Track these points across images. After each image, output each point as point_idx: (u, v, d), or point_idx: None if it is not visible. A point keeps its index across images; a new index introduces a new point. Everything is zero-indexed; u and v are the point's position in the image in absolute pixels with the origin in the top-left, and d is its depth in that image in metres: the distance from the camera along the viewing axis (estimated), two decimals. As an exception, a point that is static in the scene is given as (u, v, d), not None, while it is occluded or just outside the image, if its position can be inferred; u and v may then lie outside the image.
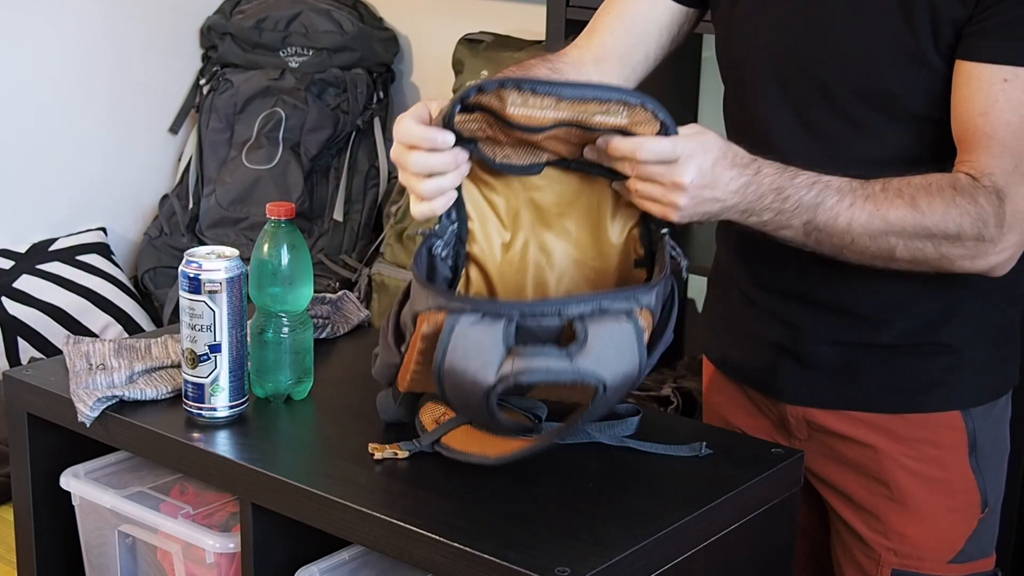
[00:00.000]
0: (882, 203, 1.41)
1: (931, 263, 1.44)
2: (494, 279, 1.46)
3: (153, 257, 3.24)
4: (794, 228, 1.42)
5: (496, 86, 1.32)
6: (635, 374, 1.28)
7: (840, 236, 1.42)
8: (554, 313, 1.26)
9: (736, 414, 1.75)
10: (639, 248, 1.44)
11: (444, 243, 1.38)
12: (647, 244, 1.44)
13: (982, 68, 1.43)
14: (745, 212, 1.41)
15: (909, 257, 1.44)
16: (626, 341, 1.26)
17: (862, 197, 1.41)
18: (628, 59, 1.68)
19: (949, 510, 1.62)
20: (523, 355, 1.24)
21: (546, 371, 1.24)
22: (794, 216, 1.41)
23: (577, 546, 1.28)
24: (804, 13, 1.53)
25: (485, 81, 1.33)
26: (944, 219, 1.41)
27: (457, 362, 1.25)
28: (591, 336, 1.25)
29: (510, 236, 1.45)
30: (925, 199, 1.41)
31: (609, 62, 1.67)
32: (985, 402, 1.61)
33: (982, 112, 1.43)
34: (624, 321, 1.26)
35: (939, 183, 1.42)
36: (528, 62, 1.65)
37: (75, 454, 1.67)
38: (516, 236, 1.46)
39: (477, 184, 1.44)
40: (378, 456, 1.45)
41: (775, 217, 1.41)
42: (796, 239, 1.44)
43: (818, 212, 1.41)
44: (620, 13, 1.68)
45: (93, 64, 3.22)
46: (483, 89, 1.32)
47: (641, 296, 1.29)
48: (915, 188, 1.42)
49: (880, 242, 1.42)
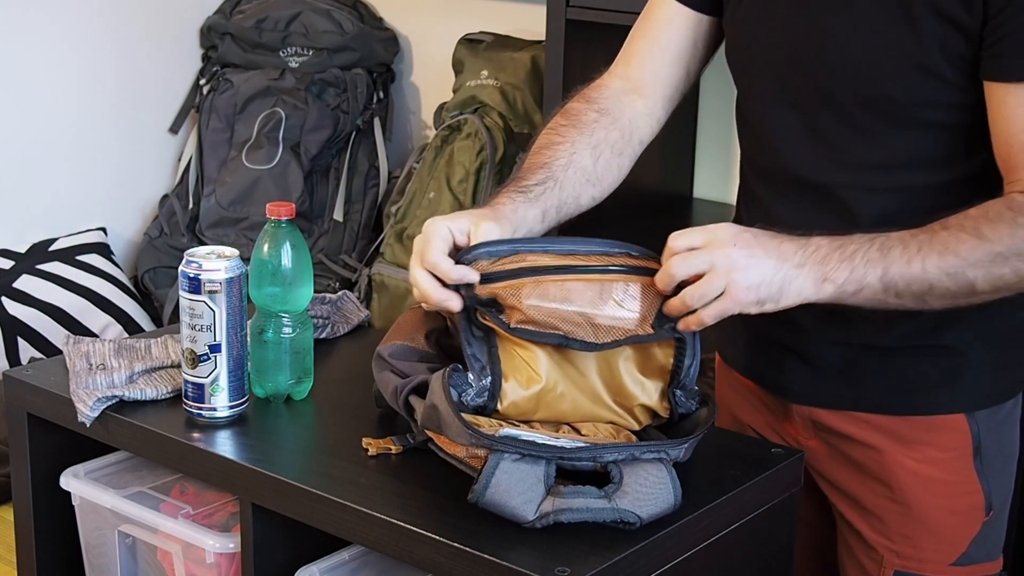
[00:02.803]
0: (949, 241, 1.40)
1: (1012, 286, 1.43)
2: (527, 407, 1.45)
3: (153, 257, 3.24)
4: (871, 286, 1.40)
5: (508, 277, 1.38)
6: (670, 509, 1.33)
7: (919, 283, 1.40)
8: (589, 458, 1.32)
9: (746, 410, 1.75)
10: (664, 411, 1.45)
11: (476, 395, 1.39)
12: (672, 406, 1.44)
13: (1015, 88, 1.42)
14: (820, 279, 1.39)
15: (991, 288, 1.42)
16: (661, 484, 1.32)
17: (927, 241, 1.40)
18: (670, 80, 1.68)
19: (952, 512, 1.62)
20: (563, 495, 1.30)
21: (586, 511, 1.30)
22: (868, 272, 1.39)
23: (577, 546, 1.28)
24: (808, 18, 1.53)
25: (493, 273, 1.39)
26: (1013, 240, 1.40)
27: (499, 497, 1.29)
28: (627, 479, 1.31)
29: (544, 384, 1.43)
30: (988, 226, 1.40)
31: (651, 87, 1.67)
32: (990, 405, 1.61)
33: (1022, 128, 1.43)
34: (658, 467, 1.33)
35: (996, 209, 1.42)
36: (570, 107, 1.65)
37: (75, 454, 1.67)
38: (551, 384, 1.43)
39: (513, 345, 1.42)
40: (372, 452, 1.45)
41: (850, 276, 1.39)
42: (876, 297, 1.41)
43: (889, 264, 1.39)
44: (654, 35, 1.68)
45: (93, 64, 3.22)
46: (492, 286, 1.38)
47: (671, 451, 1.34)
48: (975, 219, 1.41)
49: (959, 279, 1.40)
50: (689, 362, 1.42)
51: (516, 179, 1.58)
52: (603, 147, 1.63)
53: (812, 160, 1.56)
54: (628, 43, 1.71)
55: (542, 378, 1.41)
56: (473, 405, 1.39)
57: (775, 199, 1.62)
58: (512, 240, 1.44)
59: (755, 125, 1.63)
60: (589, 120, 1.63)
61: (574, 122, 1.63)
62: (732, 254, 1.36)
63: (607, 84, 1.69)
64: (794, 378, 1.65)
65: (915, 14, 1.45)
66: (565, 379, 1.43)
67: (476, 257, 1.41)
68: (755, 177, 1.66)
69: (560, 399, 1.42)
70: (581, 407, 1.43)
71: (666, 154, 2.83)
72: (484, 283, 1.39)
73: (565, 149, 1.60)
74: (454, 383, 1.38)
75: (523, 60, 2.97)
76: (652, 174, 2.81)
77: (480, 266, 1.40)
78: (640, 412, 1.44)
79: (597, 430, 1.43)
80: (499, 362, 1.40)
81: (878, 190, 1.53)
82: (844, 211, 1.55)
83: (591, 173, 1.61)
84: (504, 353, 1.41)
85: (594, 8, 2.48)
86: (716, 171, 2.88)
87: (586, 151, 1.61)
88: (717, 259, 1.36)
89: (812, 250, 1.39)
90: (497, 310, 1.40)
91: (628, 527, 1.30)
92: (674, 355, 1.42)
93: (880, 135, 1.52)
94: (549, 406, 1.42)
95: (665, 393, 1.43)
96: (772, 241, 1.39)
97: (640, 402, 1.43)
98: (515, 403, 1.41)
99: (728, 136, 2.83)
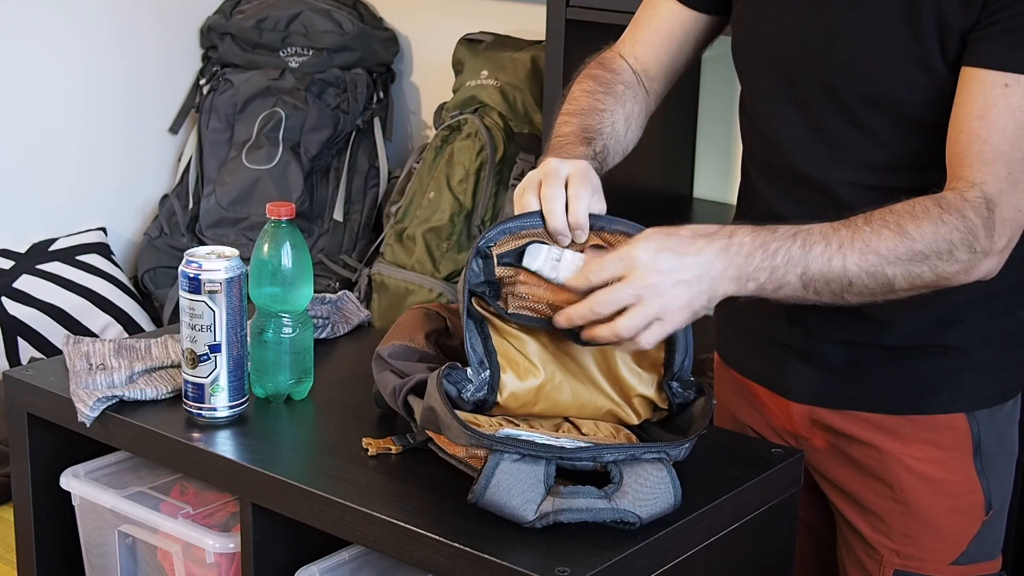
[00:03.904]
0: (870, 237, 1.39)
1: (929, 285, 1.43)
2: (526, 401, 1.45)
3: (153, 257, 3.24)
4: (791, 284, 1.40)
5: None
6: (670, 509, 1.33)
7: (838, 280, 1.40)
8: (589, 458, 1.32)
9: (746, 411, 1.75)
10: (663, 403, 1.45)
11: (475, 389, 1.39)
12: (669, 397, 1.44)
13: (984, 73, 1.42)
14: (740, 278, 1.38)
15: (908, 285, 1.42)
16: (661, 484, 1.32)
17: (848, 237, 1.40)
18: (672, 67, 1.73)
19: (952, 512, 1.62)
20: (563, 495, 1.30)
21: (586, 511, 1.30)
22: (789, 271, 1.39)
23: (577, 546, 1.28)
24: (813, 17, 1.53)
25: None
26: (934, 239, 1.39)
27: (499, 497, 1.29)
28: (626, 478, 1.32)
29: (543, 376, 1.43)
30: (912, 223, 1.40)
31: (656, 71, 1.72)
32: (991, 405, 1.61)
33: (979, 115, 1.42)
34: (658, 467, 1.33)
35: (923, 205, 1.41)
36: (597, 74, 1.68)
37: (75, 454, 1.67)
38: (549, 375, 1.44)
39: (507, 337, 1.43)
40: (372, 452, 1.45)
41: (771, 276, 1.39)
42: (796, 294, 1.41)
43: (810, 261, 1.39)
44: (656, 27, 1.71)
45: (93, 64, 3.22)
46: None
47: (671, 451, 1.34)
48: (899, 215, 1.41)
49: (878, 277, 1.40)
50: (681, 357, 1.42)
51: (581, 139, 1.58)
52: (631, 119, 1.67)
53: (815, 157, 1.56)
54: (633, 28, 1.74)
55: (540, 371, 1.42)
56: (473, 400, 1.39)
57: (776, 195, 1.62)
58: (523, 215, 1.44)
59: (759, 121, 1.63)
60: (619, 91, 1.66)
61: (608, 90, 1.66)
62: (656, 282, 1.34)
63: (620, 60, 1.72)
64: (794, 377, 1.65)
65: (918, 15, 1.45)
66: (563, 371, 1.43)
67: (493, 239, 1.42)
68: (757, 172, 1.67)
69: (559, 390, 1.42)
70: (581, 397, 1.43)
71: (666, 154, 2.83)
72: (500, 263, 1.41)
73: (607, 117, 1.63)
74: (453, 380, 1.38)
75: (523, 60, 2.97)
76: (652, 174, 2.81)
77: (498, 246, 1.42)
78: (639, 403, 1.44)
79: (598, 429, 1.43)
80: (495, 353, 1.40)
81: (880, 189, 1.53)
82: (845, 208, 1.54)
83: (622, 143, 1.65)
84: (499, 344, 1.41)
85: (594, 8, 2.48)
86: (716, 171, 2.88)
87: (620, 120, 1.65)
88: (642, 291, 1.34)
89: (735, 250, 1.38)
90: (495, 295, 1.41)
91: (628, 527, 1.30)
92: (665, 349, 1.43)
93: (883, 134, 1.52)
94: (548, 397, 1.42)
95: (661, 386, 1.43)
96: (692, 247, 1.37)
97: (639, 392, 1.43)
98: (515, 394, 1.41)
99: (728, 136, 2.83)
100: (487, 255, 1.42)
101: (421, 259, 2.93)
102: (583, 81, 1.68)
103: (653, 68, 1.72)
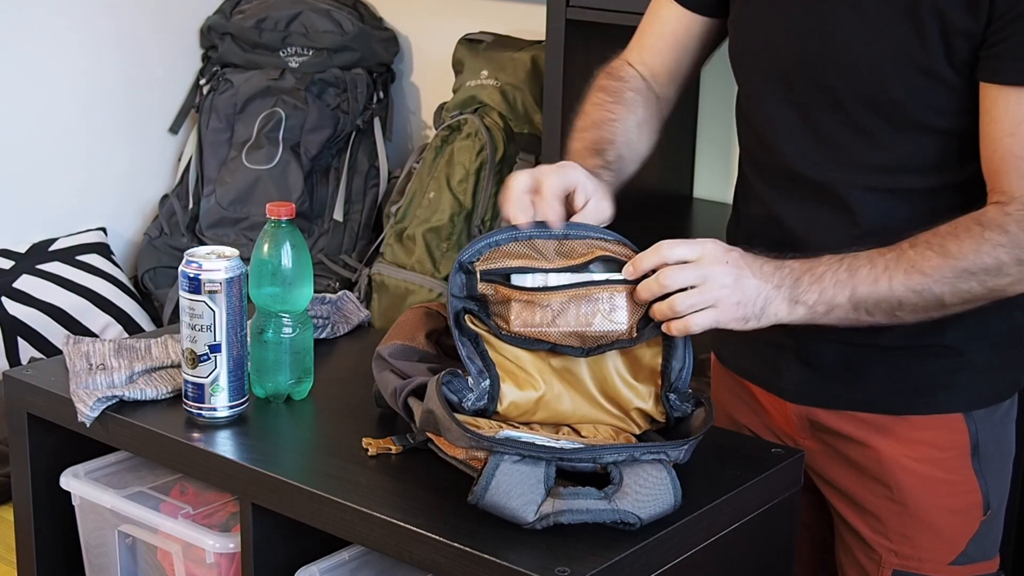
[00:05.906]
0: (915, 259, 1.43)
1: (983, 298, 1.45)
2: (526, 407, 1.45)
3: (153, 257, 3.24)
4: (842, 306, 1.43)
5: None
6: (670, 510, 1.33)
7: (887, 300, 1.43)
8: (589, 460, 1.32)
9: (743, 412, 1.75)
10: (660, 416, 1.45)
11: (476, 398, 1.39)
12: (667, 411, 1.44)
13: (1009, 91, 1.43)
14: (791, 300, 1.42)
15: (959, 300, 1.44)
16: (661, 485, 1.33)
17: (893, 260, 1.43)
18: (679, 71, 1.74)
19: (950, 512, 1.62)
20: (563, 496, 1.30)
21: (586, 512, 1.30)
22: (837, 292, 1.43)
23: (577, 546, 1.28)
24: (810, 18, 1.53)
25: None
26: (977, 256, 1.42)
27: (499, 498, 1.29)
28: (626, 479, 1.32)
29: (543, 388, 1.43)
30: (954, 244, 1.42)
31: (665, 77, 1.74)
32: (988, 405, 1.61)
33: (1010, 133, 1.44)
34: (658, 468, 1.33)
35: (965, 224, 1.43)
36: (607, 84, 1.69)
37: (75, 454, 1.67)
38: (548, 386, 1.44)
39: (502, 352, 1.42)
40: (372, 452, 1.45)
41: (819, 298, 1.43)
42: (847, 317, 1.44)
43: (857, 283, 1.43)
44: (661, 33, 1.73)
45: (93, 64, 3.22)
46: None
47: (671, 452, 1.34)
48: (942, 236, 1.43)
49: (926, 295, 1.43)
50: (679, 366, 1.42)
51: (592, 152, 1.60)
52: (644, 124, 1.69)
53: (812, 158, 1.56)
54: (639, 36, 1.75)
55: (540, 383, 1.42)
56: (473, 410, 1.39)
57: (774, 196, 1.62)
58: (508, 228, 1.45)
59: (757, 123, 1.63)
60: (628, 98, 1.68)
61: (617, 99, 1.68)
62: (723, 271, 1.39)
63: (628, 68, 1.73)
64: (791, 378, 1.65)
65: (920, 17, 1.45)
66: (562, 382, 1.43)
67: (478, 252, 1.42)
68: (755, 173, 1.67)
69: (559, 400, 1.42)
70: (581, 408, 1.44)
71: (666, 154, 2.83)
72: (483, 279, 1.41)
73: (619, 126, 1.65)
74: (454, 388, 1.38)
75: (523, 60, 2.97)
76: (652, 174, 2.79)
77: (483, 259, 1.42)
78: (637, 416, 1.44)
79: (597, 431, 1.43)
80: (493, 365, 1.41)
81: (878, 190, 1.54)
82: (843, 210, 1.55)
83: (637, 149, 1.67)
84: (495, 356, 1.41)
85: (594, 8, 2.48)
86: (716, 171, 2.88)
87: (633, 127, 1.67)
88: (709, 273, 1.39)
89: (786, 272, 1.43)
90: (486, 313, 1.41)
91: (628, 528, 1.30)
92: (662, 356, 1.43)
93: (881, 137, 1.52)
94: (548, 407, 1.42)
95: (659, 397, 1.43)
96: (755, 262, 1.43)
97: (635, 406, 1.43)
98: (515, 403, 1.41)
99: (728, 136, 2.83)
100: (470, 271, 1.42)
101: (421, 259, 2.93)
102: (593, 94, 1.70)
103: (661, 73, 1.73)
